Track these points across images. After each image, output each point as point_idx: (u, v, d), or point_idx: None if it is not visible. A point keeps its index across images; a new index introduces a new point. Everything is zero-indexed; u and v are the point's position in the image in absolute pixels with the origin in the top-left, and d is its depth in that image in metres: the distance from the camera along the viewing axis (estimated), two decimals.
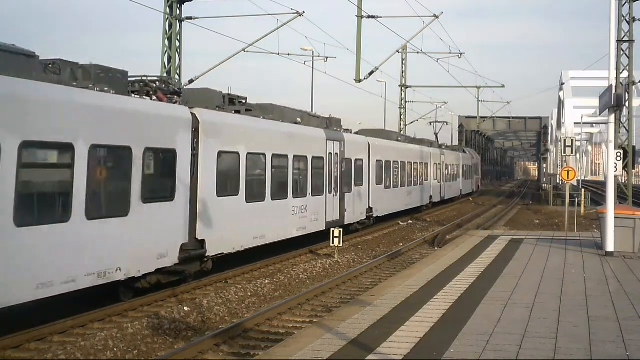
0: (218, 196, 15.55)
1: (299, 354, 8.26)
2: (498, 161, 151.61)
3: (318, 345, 8.61)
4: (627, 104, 29.70)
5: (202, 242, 14.90)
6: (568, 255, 17.56)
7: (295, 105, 22.34)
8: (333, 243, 19.71)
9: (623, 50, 30.04)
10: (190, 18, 26.33)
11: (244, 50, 27.24)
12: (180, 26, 26.12)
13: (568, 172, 25.29)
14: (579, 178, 49.60)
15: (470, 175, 57.07)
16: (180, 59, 26.22)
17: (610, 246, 17.01)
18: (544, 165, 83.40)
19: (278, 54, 29.63)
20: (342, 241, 20.24)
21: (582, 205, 35.50)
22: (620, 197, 30.06)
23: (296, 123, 20.91)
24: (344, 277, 16.88)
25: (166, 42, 25.96)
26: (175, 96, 15.15)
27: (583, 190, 39.87)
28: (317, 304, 14.22)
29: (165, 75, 26.05)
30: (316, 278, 17.25)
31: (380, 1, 48.07)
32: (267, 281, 16.07)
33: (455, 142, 76.97)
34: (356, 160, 25.62)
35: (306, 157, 20.81)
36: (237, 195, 16.51)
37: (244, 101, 18.36)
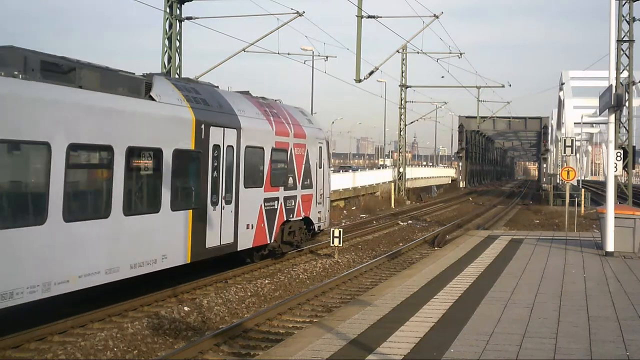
0: None
1: (299, 354, 8.26)
2: (498, 161, 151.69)
3: (318, 345, 8.61)
4: (627, 104, 29.67)
5: None
6: (568, 255, 17.56)
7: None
8: (333, 243, 19.72)
9: (623, 50, 30.01)
10: (190, 18, 26.32)
11: (244, 50, 27.23)
12: (180, 26, 26.09)
13: (568, 172, 25.33)
14: (579, 178, 49.58)
15: (255, 178, 17.20)
16: (180, 59, 26.19)
17: (610, 246, 17.02)
18: (544, 165, 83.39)
19: (278, 53, 29.60)
20: (342, 241, 20.26)
21: (582, 205, 35.53)
22: (620, 197, 30.05)
23: None
24: (344, 277, 16.88)
25: (166, 42, 25.94)
26: None
27: (583, 190, 39.90)
28: (317, 304, 14.22)
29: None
30: (316, 278, 17.25)
31: (380, 1, 48.12)
32: (267, 281, 16.07)
33: (455, 144, 76.60)
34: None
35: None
36: None
37: None
